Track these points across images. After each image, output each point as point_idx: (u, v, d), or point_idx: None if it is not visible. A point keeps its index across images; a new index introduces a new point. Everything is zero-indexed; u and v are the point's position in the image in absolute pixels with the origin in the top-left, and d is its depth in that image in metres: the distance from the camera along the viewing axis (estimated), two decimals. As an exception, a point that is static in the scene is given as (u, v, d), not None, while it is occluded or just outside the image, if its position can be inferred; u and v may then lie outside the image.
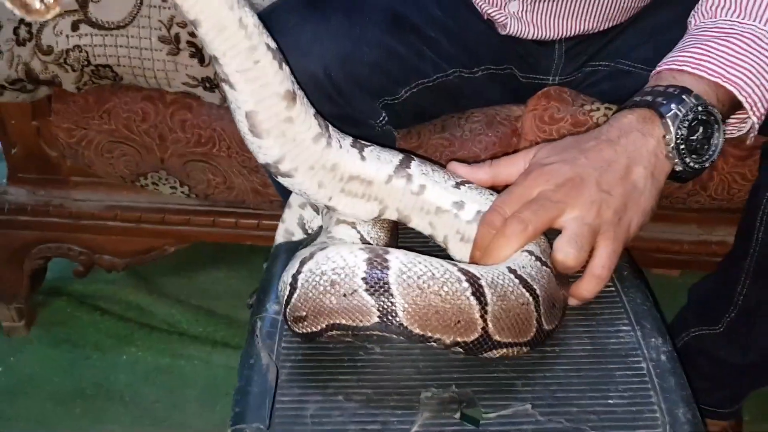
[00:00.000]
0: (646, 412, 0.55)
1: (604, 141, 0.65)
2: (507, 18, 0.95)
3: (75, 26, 0.94)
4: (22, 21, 0.96)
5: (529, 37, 0.96)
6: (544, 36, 0.96)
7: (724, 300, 0.91)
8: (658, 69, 0.70)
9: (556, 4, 0.93)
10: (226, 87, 0.58)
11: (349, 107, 0.80)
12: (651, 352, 0.59)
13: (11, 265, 1.25)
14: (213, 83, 0.96)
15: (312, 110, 0.62)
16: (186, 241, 1.21)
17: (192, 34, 0.94)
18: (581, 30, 0.95)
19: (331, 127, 0.64)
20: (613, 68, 0.96)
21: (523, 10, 0.94)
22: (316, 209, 0.76)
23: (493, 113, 1.02)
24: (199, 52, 0.94)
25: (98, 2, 0.94)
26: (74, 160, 1.11)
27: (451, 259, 0.67)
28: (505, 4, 0.94)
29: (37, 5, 0.47)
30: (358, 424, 0.54)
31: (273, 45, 0.58)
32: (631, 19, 0.96)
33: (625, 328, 0.62)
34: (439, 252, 0.68)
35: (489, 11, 0.96)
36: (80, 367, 1.27)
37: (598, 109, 0.99)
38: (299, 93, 0.60)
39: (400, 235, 0.71)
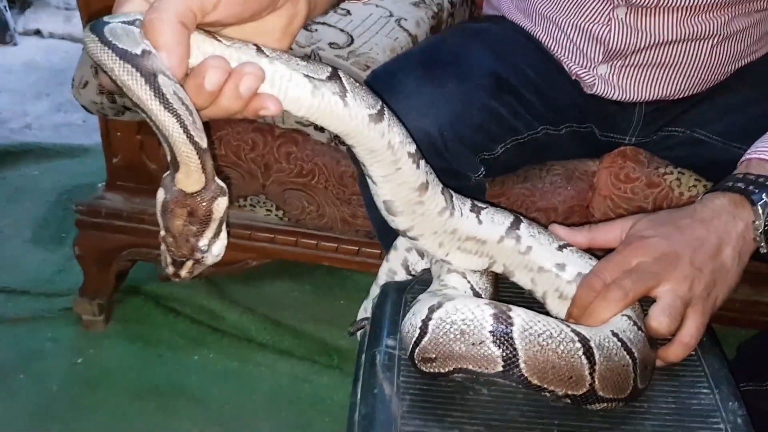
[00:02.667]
0: (725, 469, 0.62)
1: (698, 220, 0.72)
2: (594, 79, 1.03)
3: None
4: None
5: (613, 98, 1.04)
6: (626, 98, 1.04)
7: (773, 360, 0.98)
8: (748, 156, 0.77)
9: (641, 70, 1.01)
10: (369, 181, 0.66)
11: (454, 162, 0.88)
12: (729, 414, 0.66)
13: (100, 264, 1.34)
14: (324, 125, 1.05)
15: (440, 187, 0.69)
16: (268, 257, 1.29)
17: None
18: (661, 96, 1.03)
19: (454, 197, 0.71)
20: (688, 136, 1.03)
21: (610, 73, 1.02)
22: (421, 254, 0.84)
23: (571, 168, 1.09)
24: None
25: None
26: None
27: (548, 312, 0.75)
28: (595, 66, 1.02)
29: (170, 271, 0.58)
30: (475, 457, 0.61)
31: (413, 149, 0.65)
32: (710, 90, 1.04)
33: (705, 390, 0.69)
34: (535, 304, 0.76)
35: (578, 72, 1.04)
36: (154, 364, 1.35)
37: (671, 173, 1.05)
38: (431, 180, 0.68)
39: (500, 286, 0.79)
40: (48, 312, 1.45)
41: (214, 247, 0.59)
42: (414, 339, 0.65)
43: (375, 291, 0.88)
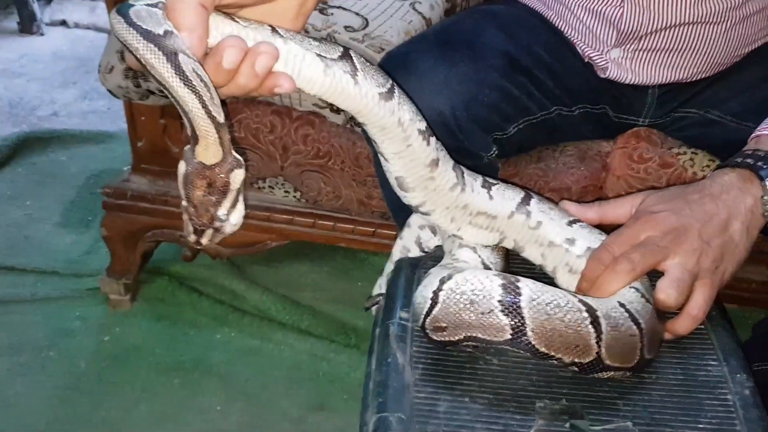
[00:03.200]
0: (731, 438, 0.64)
1: (707, 195, 0.73)
2: (607, 63, 1.03)
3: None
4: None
5: (626, 82, 1.04)
6: (639, 81, 1.04)
7: (788, 338, 0.99)
8: (757, 133, 0.78)
9: (654, 54, 1.01)
10: (381, 158, 0.68)
11: (467, 141, 0.89)
12: (736, 386, 0.68)
13: (126, 245, 1.38)
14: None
15: (451, 163, 0.71)
16: (287, 239, 1.32)
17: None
18: (675, 79, 1.03)
19: (465, 173, 0.73)
20: (701, 116, 1.04)
21: (623, 57, 1.02)
22: (434, 231, 0.86)
23: (585, 148, 1.10)
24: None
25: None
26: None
27: (558, 286, 0.76)
28: (607, 50, 1.03)
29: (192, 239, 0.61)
30: (484, 423, 0.63)
31: (423, 126, 0.68)
32: (723, 72, 1.04)
33: (713, 362, 0.70)
34: (545, 279, 0.78)
35: (591, 55, 1.04)
36: (179, 342, 1.39)
37: (684, 153, 1.06)
38: (442, 156, 0.70)
39: (511, 261, 0.81)
40: (76, 292, 1.50)
41: (233, 216, 0.61)
42: (425, 309, 0.67)
43: (389, 268, 0.90)
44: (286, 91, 0.60)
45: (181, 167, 0.60)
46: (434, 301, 0.66)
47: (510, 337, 0.63)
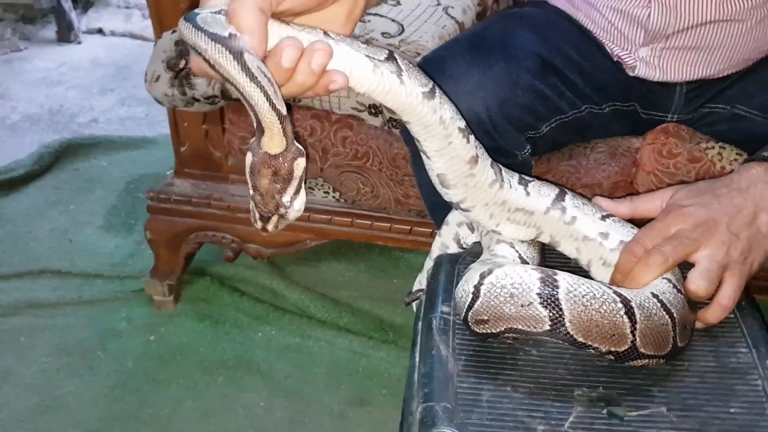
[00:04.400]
0: (762, 422, 0.66)
1: (735, 189, 0.76)
2: (636, 61, 1.06)
3: (267, 55, 1.10)
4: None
5: (655, 79, 1.07)
6: (667, 79, 1.06)
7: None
8: (784, 128, 0.81)
9: (681, 53, 1.04)
10: (424, 156, 0.72)
11: (502, 141, 0.93)
12: (766, 371, 0.70)
13: (170, 247, 1.43)
14: (378, 110, 1.11)
15: (489, 161, 0.75)
16: (326, 238, 1.36)
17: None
18: (702, 75, 1.06)
19: (503, 171, 0.76)
20: (729, 112, 1.06)
21: (651, 56, 1.05)
22: (471, 228, 0.89)
23: (615, 144, 1.13)
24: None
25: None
26: (241, 164, 1.27)
27: (593, 279, 0.80)
28: (636, 49, 1.05)
29: (259, 226, 0.65)
30: (525, 411, 0.67)
31: (462, 125, 0.71)
32: (749, 68, 1.06)
33: (743, 350, 0.73)
34: (580, 272, 0.81)
35: (620, 54, 1.07)
36: (222, 340, 1.44)
37: (713, 147, 1.08)
38: (481, 153, 0.73)
39: (547, 256, 0.84)
40: (121, 294, 1.56)
41: (296, 203, 0.66)
42: (467, 303, 0.71)
43: (429, 264, 0.94)
44: (340, 87, 0.63)
45: (248, 158, 0.64)
46: (476, 295, 0.70)
47: (549, 328, 0.67)
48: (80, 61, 2.62)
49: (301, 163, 0.64)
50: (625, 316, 0.66)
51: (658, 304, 0.68)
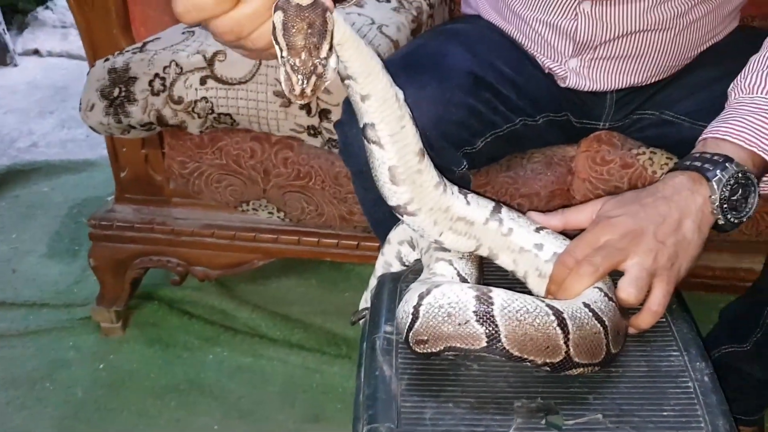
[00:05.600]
0: (693, 423, 0.68)
1: (660, 198, 0.78)
2: (566, 72, 1.09)
3: (203, 81, 1.10)
4: (156, 75, 1.12)
5: (585, 89, 1.10)
6: (598, 88, 1.10)
7: (752, 323, 1.03)
8: (704, 136, 0.84)
9: (610, 62, 1.07)
10: (374, 147, 0.72)
11: (439, 158, 0.93)
12: (696, 373, 0.73)
13: (115, 273, 1.41)
14: (317, 130, 1.12)
15: (431, 162, 0.77)
16: (273, 257, 1.36)
17: (302, 90, 1.10)
18: (631, 83, 1.09)
19: (444, 178, 0.78)
20: (657, 117, 1.10)
21: (581, 66, 1.08)
22: (413, 246, 0.91)
23: (551, 154, 1.16)
24: (307, 105, 1.10)
25: (223, 61, 1.10)
26: (183, 188, 1.27)
27: (529, 290, 0.82)
28: (566, 61, 1.08)
29: (297, 92, 0.62)
30: (467, 426, 0.68)
31: (410, 113, 0.73)
32: (675, 75, 1.10)
33: (674, 353, 0.76)
34: (518, 284, 0.83)
35: (551, 66, 1.10)
36: (172, 364, 1.42)
37: (644, 153, 1.12)
38: (425, 151, 0.75)
39: (485, 270, 0.86)
40: (68, 322, 1.53)
41: (332, 60, 0.63)
42: (408, 324, 0.72)
43: (373, 282, 0.95)
44: None
45: (278, 17, 0.62)
46: (415, 316, 0.71)
47: (486, 344, 0.68)
48: (17, 83, 2.56)
49: (331, 17, 0.62)
50: (557, 328, 0.68)
51: (590, 314, 0.71)
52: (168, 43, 1.16)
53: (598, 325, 0.71)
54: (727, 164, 0.78)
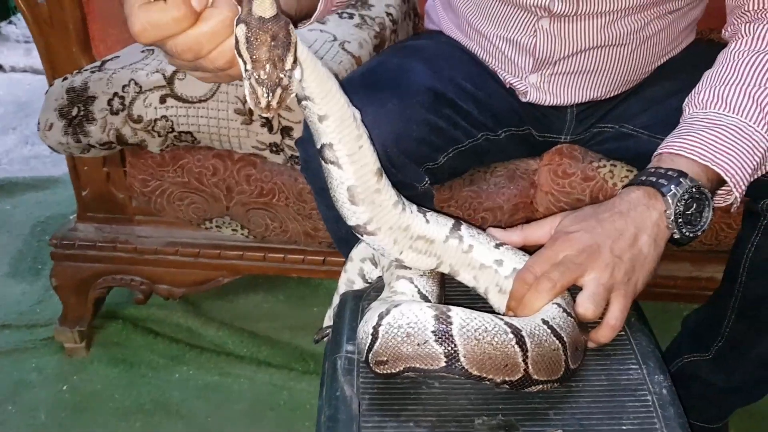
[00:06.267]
0: (651, 436, 0.70)
1: (616, 213, 0.79)
2: (527, 87, 1.10)
3: (163, 99, 1.09)
4: (115, 94, 1.11)
5: (546, 104, 1.11)
6: (558, 103, 1.11)
7: (714, 331, 1.05)
8: (660, 151, 0.85)
9: (569, 77, 1.09)
10: (332, 168, 0.72)
11: (401, 175, 0.94)
12: (655, 386, 0.74)
13: (78, 293, 1.39)
14: (279, 147, 1.11)
15: (389, 182, 0.77)
16: (239, 273, 1.35)
17: (262, 107, 1.09)
18: (590, 98, 1.11)
19: (403, 197, 0.78)
20: (617, 131, 1.11)
21: (541, 82, 1.09)
22: (375, 263, 0.91)
23: (513, 168, 1.17)
24: (268, 123, 1.09)
25: (183, 80, 1.09)
26: (146, 206, 1.25)
27: (491, 306, 0.82)
28: (526, 76, 1.09)
29: (263, 104, 0.62)
30: (428, 445, 0.68)
31: (367, 133, 0.73)
32: (633, 89, 1.12)
33: (633, 366, 0.76)
34: (479, 300, 0.83)
35: (512, 81, 1.11)
36: (138, 384, 1.40)
37: (604, 166, 1.13)
38: (383, 171, 0.75)
39: (447, 286, 0.86)
40: (31, 343, 1.50)
41: (296, 72, 0.63)
42: (367, 345, 0.71)
43: (337, 300, 0.94)
44: None
45: (240, 31, 0.61)
46: (374, 337, 0.70)
47: (445, 364, 0.68)
48: (-21, 99, 2.52)
49: (293, 29, 0.62)
50: (516, 346, 0.69)
51: (548, 330, 0.71)
52: (127, 62, 1.15)
53: (557, 341, 0.71)
54: (681, 179, 0.79)
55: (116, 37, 1.24)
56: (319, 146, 0.72)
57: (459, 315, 0.69)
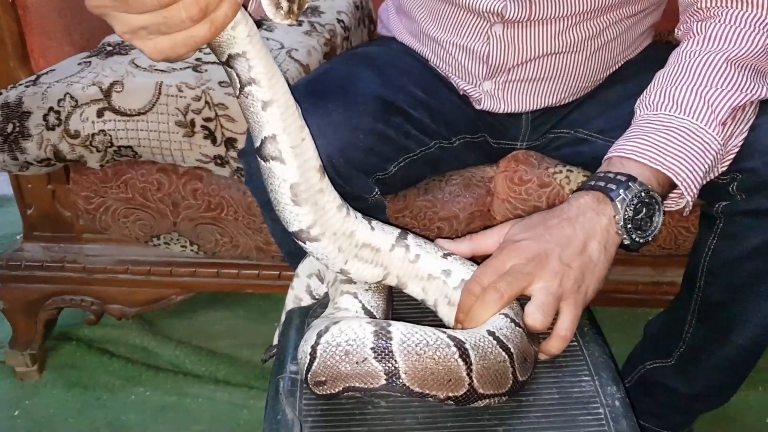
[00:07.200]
0: (603, 450, 0.67)
1: (565, 219, 0.77)
2: (481, 95, 1.08)
3: (100, 113, 1.06)
4: (51, 108, 1.07)
5: (500, 111, 1.09)
6: (513, 110, 1.09)
7: (675, 337, 1.04)
8: (609, 155, 0.83)
9: (523, 84, 1.07)
10: (274, 164, 0.69)
11: (348, 186, 0.91)
12: (607, 399, 0.72)
13: (26, 315, 1.34)
14: (224, 160, 1.08)
15: (331, 185, 0.74)
16: (192, 291, 1.31)
17: (206, 120, 1.06)
18: (545, 105, 1.09)
19: (346, 203, 0.76)
20: (572, 136, 1.09)
21: (495, 89, 1.07)
22: (321, 279, 0.88)
23: (469, 176, 1.14)
24: (211, 135, 1.06)
25: (121, 92, 1.06)
26: (91, 224, 1.21)
27: (441, 319, 0.79)
28: (480, 83, 1.07)
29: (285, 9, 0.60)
30: (372, 468, 0.65)
31: (307, 128, 0.71)
32: (587, 94, 1.10)
33: (586, 378, 0.74)
34: (429, 314, 0.81)
35: (465, 88, 1.09)
36: (92, 407, 1.36)
37: (560, 171, 1.12)
38: (323, 167, 0.72)
39: (396, 301, 0.83)
40: (-21, 368, 1.45)
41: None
42: (306, 364, 0.68)
43: (284, 317, 0.91)
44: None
45: None
46: (313, 356, 0.67)
47: (385, 382, 0.65)
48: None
49: None
50: (459, 360, 0.66)
51: (494, 342, 0.68)
52: (62, 75, 1.12)
53: (503, 353, 0.68)
54: (630, 183, 0.78)
55: (56, 50, 1.20)
56: (259, 143, 0.69)
57: (399, 330, 0.66)
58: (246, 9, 0.65)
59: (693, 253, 0.99)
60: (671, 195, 0.83)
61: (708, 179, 0.84)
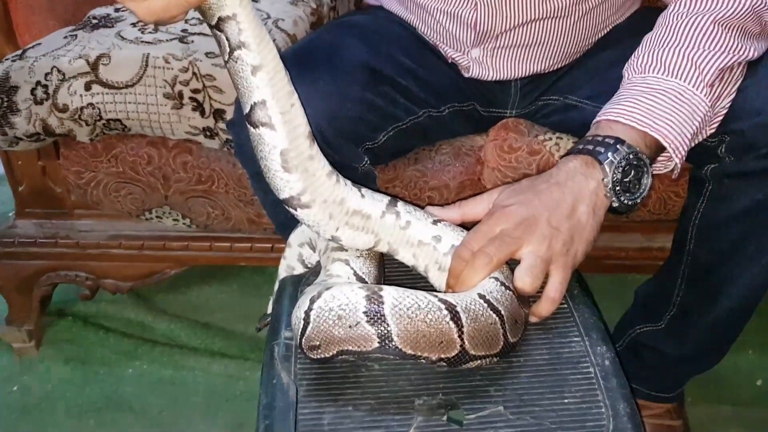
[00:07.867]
0: (594, 408, 0.68)
1: (553, 183, 0.78)
2: (469, 62, 1.08)
3: (88, 86, 1.05)
4: (38, 83, 1.07)
5: (489, 78, 1.09)
6: (502, 77, 1.09)
7: (665, 301, 1.05)
8: (597, 119, 0.84)
9: (511, 51, 1.07)
10: (264, 131, 0.69)
11: (337, 155, 0.91)
12: (597, 358, 0.73)
13: (22, 292, 1.35)
14: (213, 132, 1.08)
15: (321, 151, 0.74)
16: (185, 265, 1.32)
17: (194, 91, 1.06)
18: (534, 71, 1.09)
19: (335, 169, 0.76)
20: (562, 102, 1.10)
21: (483, 56, 1.07)
22: (313, 248, 0.88)
23: (459, 145, 1.15)
24: (200, 106, 1.06)
25: (108, 65, 1.05)
26: (82, 199, 1.21)
27: (432, 285, 0.80)
28: (468, 50, 1.07)
29: None
30: (366, 429, 0.66)
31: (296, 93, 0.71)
32: (576, 60, 1.10)
33: (575, 339, 0.75)
34: (420, 280, 0.82)
35: (453, 56, 1.09)
36: (90, 382, 1.37)
37: (550, 138, 1.12)
38: (313, 133, 0.73)
39: (387, 267, 0.84)
40: (-24, 345, 1.46)
41: None
42: (300, 330, 0.69)
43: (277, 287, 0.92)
44: None
45: None
46: (306, 321, 0.68)
47: (378, 345, 0.66)
48: None
49: None
50: (451, 322, 0.67)
51: (485, 305, 0.69)
52: (48, 49, 1.11)
53: (494, 315, 0.69)
54: (618, 146, 0.78)
55: (40, 24, 1.19)
56: (248, 109, 0.69)
57: (391, 294, 0.67)
58: None
59: (682, 216, 1.00)
60: (660, 158, 0.84)
61: (696, 141, 0.85)
